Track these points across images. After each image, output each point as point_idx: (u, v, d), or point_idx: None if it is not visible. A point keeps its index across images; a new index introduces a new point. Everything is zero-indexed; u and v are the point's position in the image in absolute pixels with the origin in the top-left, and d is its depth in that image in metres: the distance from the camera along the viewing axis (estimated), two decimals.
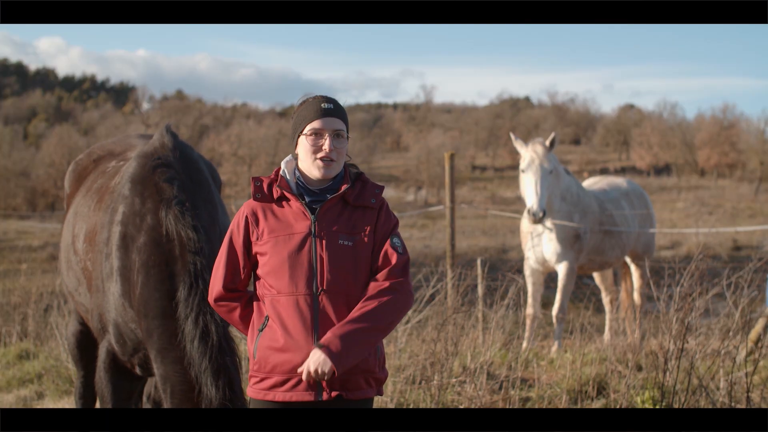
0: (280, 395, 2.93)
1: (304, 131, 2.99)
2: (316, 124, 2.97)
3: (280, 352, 2.91)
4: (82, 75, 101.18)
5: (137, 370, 3.93)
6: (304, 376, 2.85)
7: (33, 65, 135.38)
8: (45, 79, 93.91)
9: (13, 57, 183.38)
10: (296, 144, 3.05)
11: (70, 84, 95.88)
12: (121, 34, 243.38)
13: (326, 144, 2.96)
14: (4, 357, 8.12)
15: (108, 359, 3.93)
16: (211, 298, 3.12)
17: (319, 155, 2.97)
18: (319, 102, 3.02)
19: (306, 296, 2.91)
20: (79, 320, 4.93)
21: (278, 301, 2.94)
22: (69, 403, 6.56)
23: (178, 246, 3.71)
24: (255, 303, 3.05)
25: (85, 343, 5.01)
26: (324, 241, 2.94)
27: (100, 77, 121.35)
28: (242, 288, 3.10)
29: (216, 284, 3.08)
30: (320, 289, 2.92)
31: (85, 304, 4.34)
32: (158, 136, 4.20)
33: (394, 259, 2.98)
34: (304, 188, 3.03)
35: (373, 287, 2.95)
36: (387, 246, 3.00)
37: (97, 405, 5.22)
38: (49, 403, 6.75)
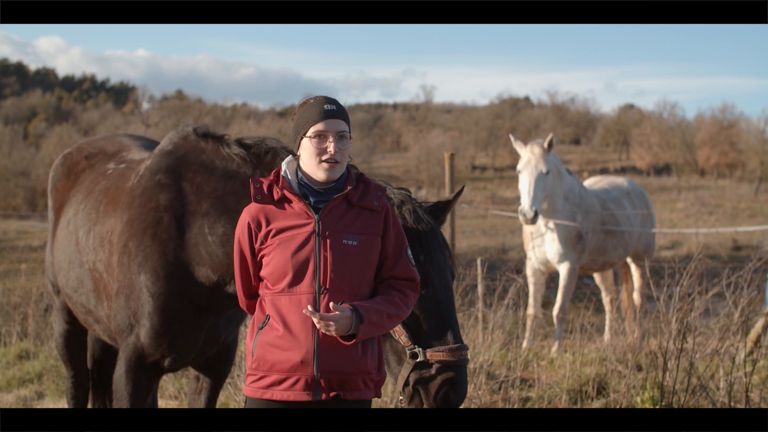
0: (278, 394, 2.93)
1: (308, 133, 2.98)
2: (319, 126, 2.96)
3: (279, 350, 2.91)
4: (82, 75, 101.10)
5: (166, 363, 3.91)
6: (317, 322, 2.82)
7: (33, 65, 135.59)
8: (45, 79, 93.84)
9: (13, 57, 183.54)
10: (298, 146, 3.04)
11: (70, 84, 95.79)
12: (121, 34, 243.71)
13: (331, 146, 2.96)
14: (4, 357, 8.13)
15: (134, 357, 3.89)
16: (242, 306, 3.19)
17: (324, 157, 2.96)
18: (321, 103, 3.01)
19: (308, 295, 2.91)
20: (66, 319, 4.93)
21: (280, 300, 2.94)
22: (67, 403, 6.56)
23: None
24: (259, 303, 3.06)
25: (74, 343, 5.02)
26: (328, 241, 2.94)
27: (100, 77, 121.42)
28: (255, 292, 3.14)
29: (240, 295, 3.15)
30: (323, 288, 2.91)
31: (85, 305, 4.33)
32: (178, 135, 4.16)
33: (415, 274, 3.10)
34: (307, 188, 3.03)
35: (389, 291, 3.03)
36: (405, 258, 3.08)
37: (91, 405, 5.22)
38: (49, 403, 6.75)
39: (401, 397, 3.35)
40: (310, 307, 2.86)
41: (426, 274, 3.35)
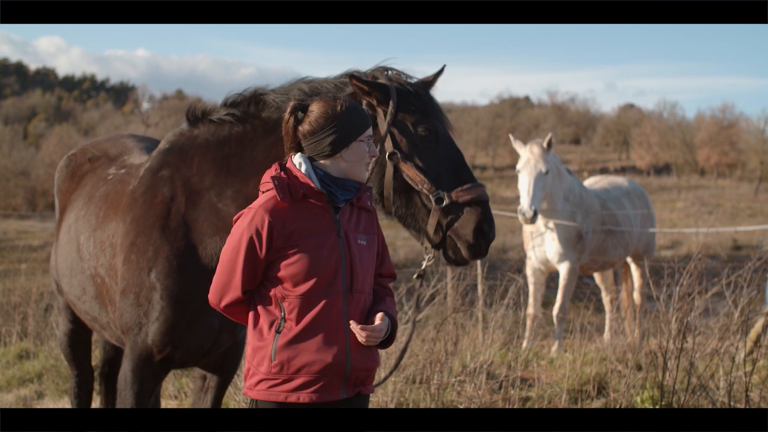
0: (305, 396, 2.90)
1: (361, 137, 3.03)
2: (370, 131, 3.07)
3: (308, 352, 2.89)
4: (82, 75, 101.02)
5: (177, 356, 3.88)
6: (363, 336, 2.89)
7: (33, 65, 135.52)
8: (45, 78, 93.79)
9: (13, 57, 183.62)
10: (344, 148, 3.00)
11: (70, 84, 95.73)
12: (121, 34, 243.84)
13: (374, 148, 3.09)
14: (4, 357, 8.13)
15: (143, 354, 3.84)
16: (222, 303, 3.02)
17: (368, 160, 3.07)
18: (362, 107, 3.11)
19: (336, 296, 2.93)
20: (70, 319, 4.93)
21: (307, 302, 2.90)
22: (69, 403, 6.56)
23: None
24: (260, 303, 2.97)
25: (78, 342, 5.01)
26: (349, 242, 2.99)
27: (100, 77, 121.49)
28: (252, 288, 3.01)
29: (234, 290, 2.97)
30: (350, 288, 2.96)
31: (90, 312, 4.31)
32: (173, 134, 4.17)
33: (394, 270, 3.22)
34: (331, 187, 3.01)
35: (387, 291, 3.16)
36: (388, 255, 3.20)
37: (101, 405, 5.23)
38: (49, 403, 6.76)
39: (428, 256, 3.47)
40: (353, 323, 2.90)
41: (435, 125, 3.51)
